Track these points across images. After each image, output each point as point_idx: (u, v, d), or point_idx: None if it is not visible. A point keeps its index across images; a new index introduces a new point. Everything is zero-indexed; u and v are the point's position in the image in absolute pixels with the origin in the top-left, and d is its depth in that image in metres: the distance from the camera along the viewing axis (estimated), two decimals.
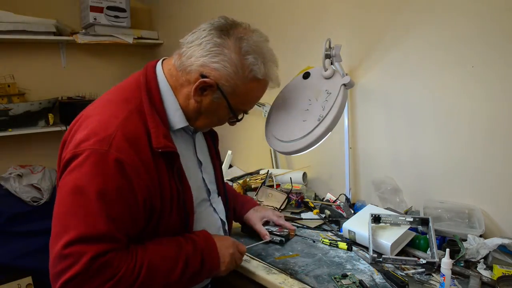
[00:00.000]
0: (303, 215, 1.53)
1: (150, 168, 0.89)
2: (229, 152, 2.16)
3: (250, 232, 1.33)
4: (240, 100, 1.00)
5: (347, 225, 1.30)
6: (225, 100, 0.97)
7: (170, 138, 0.94)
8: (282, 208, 1.56)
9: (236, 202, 1.35)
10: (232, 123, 1.10)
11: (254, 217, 1.32)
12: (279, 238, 1.28)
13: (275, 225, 1.35)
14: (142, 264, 0.85)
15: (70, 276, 0.77)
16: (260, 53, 0.97)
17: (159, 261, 0.88)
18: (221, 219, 1.15)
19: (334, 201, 1.59)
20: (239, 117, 1.06)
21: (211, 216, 1.12)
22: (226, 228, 1.18)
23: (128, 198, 0.85)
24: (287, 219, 1.47)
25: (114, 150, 0.84)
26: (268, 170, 1.86)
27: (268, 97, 1.12)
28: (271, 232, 1.30)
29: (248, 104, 1.05)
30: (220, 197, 1.18)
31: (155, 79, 0.98)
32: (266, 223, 1.35)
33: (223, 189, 1.20)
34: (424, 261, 1.08)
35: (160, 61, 1.04)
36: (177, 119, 0.99)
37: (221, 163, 1.24)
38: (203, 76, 0.94)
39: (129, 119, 0.89)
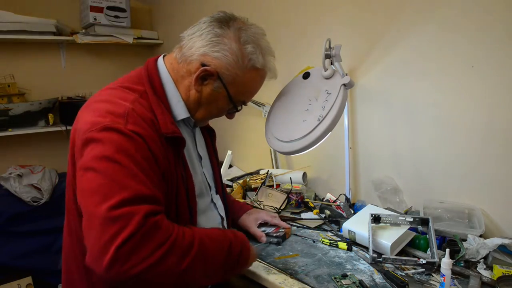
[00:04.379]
0: (303, 215, 1.53)
1: (163, 146, 0.90)
2: (229, 152, 2.16)
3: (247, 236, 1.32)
4: (240, 90, 1.02)
5: (347, 225, 1.30)
6: (225, 89, 0.99)
7: (176, 125, 0.95)
8: (282, 208, 1.56)
9: (231, 207, 1.35)
10: (230, 115, 1.11)
11: (248, 220, 1.33)
12: (276, 240, 1.28)
13: (271, 225, 1.35)
14: (193, 237, 0.84)
15: (124, 237, 0.72)
16: (258, 44, 1.00)
17: (209, 240, 0.88)
18: (220, 215, 1.16)
19: (334, 201, 1.59)
20: (238, 108, 1.07)
21: (211, 210, 1.13)
22: (225, 224, 1.19)
23: (154, 167, 0.85)
24: (287, 219, 1.47)
25: (131, 124, 0.84)
26: (268, 170, 1.86)
27: (268, 97, 1.12)
28: (267, 234, 1.30)
29: (247, 94, 1.07)
30: (218, 194, 1.19)
31: (157, 72, 1.00)
32: (261, 225, 1.35)
33: (221, 186, 1.21)
34: (424, 261, 1.08)
35: (161, 56, 1.06)
36: (180, 110, 1.01)
37: (218, 161, 1.24)
38: (203, 65, 0.95)
39: (137, 102, 0.91)
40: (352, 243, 1.26)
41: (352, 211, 1.51)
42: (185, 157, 1.01)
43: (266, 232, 1.31)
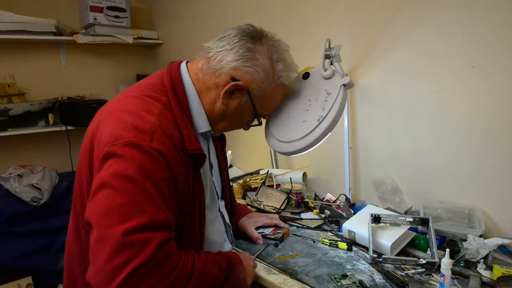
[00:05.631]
0: (303, 215, 1.53)
1: (183, 164, 0.89)
2: (229, 152, 2.16)
3: (243, 238, 1.32)
4: (265, 105, 1.04)
5: (347, 225, 1.30)
6: (251, 104, 0.99)
7: (198, 141, 0.94)
8: (282, 208, 1.56)
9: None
10: (248, 127, 1.12)
11: (247, 223, 1.32)
12: (273, 242, 1.27)
13: (268, 226, 1.35)
14: (194, 264, 0.83)
15: (137, 265, 0.70)
16: (286, 60, 1.01)
17: (203, 264, 0.87)
18: (226, 223, 1.16)
19: (334, 201, 1.59)
20: (260, 121, 1.08)
21: (218, 220, 1.13)
22: (231, 231, 1.19)
23: (172, 189, 0.84)
24: (287, 219, 1.47)
25: (156, 142, 0.82)
26: (268, 170, 1.86)
27: None
28: (264, 236, 1.30)
29: (270, 109, 1.10)
30: (223, 200, 1.19)
31: (181, 81, 0.98)
32: (259, 226, 1.35)
33: (229, 191, 1.21)
34: (424, 261, 1.08)
35: (184, 63, 1.03)
36: (201, 123, 1.00)
37: (227, 166, 1.24)
38: (233, 79, 0.95)
39: (163, 115, 0.89)
40: (352, 243, 1.26)
41: (352, 211, 1.51)
42: (200, 170, 0.99)
43: (263, 233, 1.31)
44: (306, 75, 1.34)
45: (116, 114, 0.88)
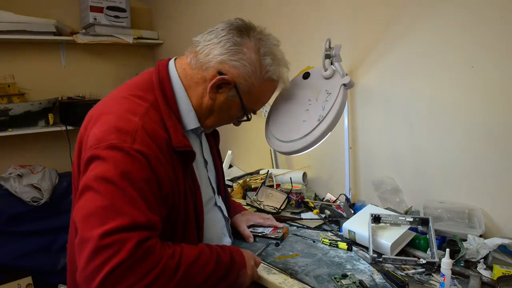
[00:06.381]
0: (303, 215, 1.53)
1: (169, 164, 0.89)
2: (229, 152, 2.16)
3: (235, 235, 1.31)
4: (253, 100, 1.02)
5: (347, 225, 1.30)
6: (239, 98, 0.98)
7: (187, 138, 0.94)
8: (282, 208, 1.56)
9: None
10: (238, 123, 1.11)
11: (239, 220, 1.32)
12: (274, 241, 1.27)
13: (268, 226, 1.35)
14: (180, 259, 0.82)
15: (114, 264, 0.71)
16: (275, 55, 1.00)
17: (194, 258, 0.85)
18: (225, 217, 1.16)
19: (334, 201, 1.59)
20: (249, 117, 1.07)
21: (216, 214, 1.13)
22: (229, 226, 1.19)
23: (155, 190, 0.84)
24: (287, 219, 1.47)
25: (138, 144, 0.82)
26: (268, 170, 1.86)
27: None
28: (265, 235, 1.30)
29: (259, 104, 1.07)
30: (220, 195, 1.19)
31: (168, 79, 0.98)
32: (259, 226, 1.35)
33: (224, 187, 1.22)
34: (424, 261, 1.08)
35: (172, 60, 1.03)
36: (190, 120, 1.00)
37: (222, 162, 1.25)
38: (220, 73, 0.94)
39: (148, 115, 0.89)
40: (352, 243, 1.26)
41: (352, 211, 1.51)
42: (193, 167, 0.99)
43: (264, 233, 1.31)
44: (306, 75, 1.35)
45: (102, 116, 0.89)
